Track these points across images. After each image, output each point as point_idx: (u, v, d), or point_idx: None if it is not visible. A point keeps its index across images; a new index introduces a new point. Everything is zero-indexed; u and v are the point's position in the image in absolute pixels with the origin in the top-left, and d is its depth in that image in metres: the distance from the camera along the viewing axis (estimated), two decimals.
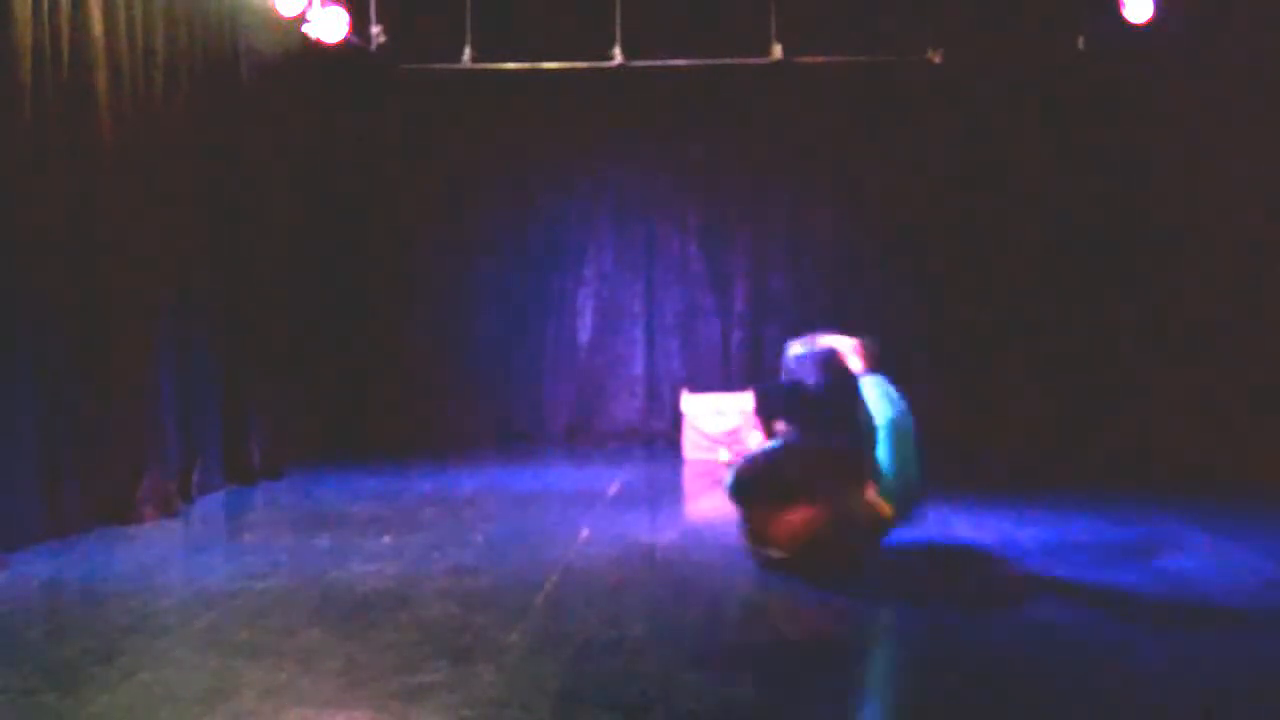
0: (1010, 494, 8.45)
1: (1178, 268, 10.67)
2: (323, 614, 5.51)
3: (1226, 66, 9.86)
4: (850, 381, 6.55)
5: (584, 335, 11.81)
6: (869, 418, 6.54)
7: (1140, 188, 10.88)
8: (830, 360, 6.49)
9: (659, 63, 10.87)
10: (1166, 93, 10.52)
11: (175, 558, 6.93)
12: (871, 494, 6.35)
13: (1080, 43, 10.26)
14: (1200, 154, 10.32)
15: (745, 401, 10.93)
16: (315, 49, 9.63)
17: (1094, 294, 11.09)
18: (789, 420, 6.49)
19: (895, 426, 6.57)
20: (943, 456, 7.51)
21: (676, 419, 11.03)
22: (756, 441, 6.76)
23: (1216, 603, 5.73)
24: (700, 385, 11.22)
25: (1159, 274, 10.79)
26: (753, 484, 6.36)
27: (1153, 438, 10.19)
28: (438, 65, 10.78)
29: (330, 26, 9.27)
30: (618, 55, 10.45)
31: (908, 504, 6.63)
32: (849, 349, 6.79)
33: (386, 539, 7.13)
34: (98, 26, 7.41)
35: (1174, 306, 10.68)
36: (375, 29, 9.93)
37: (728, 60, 10.85)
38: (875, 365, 6.92)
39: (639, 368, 11.77)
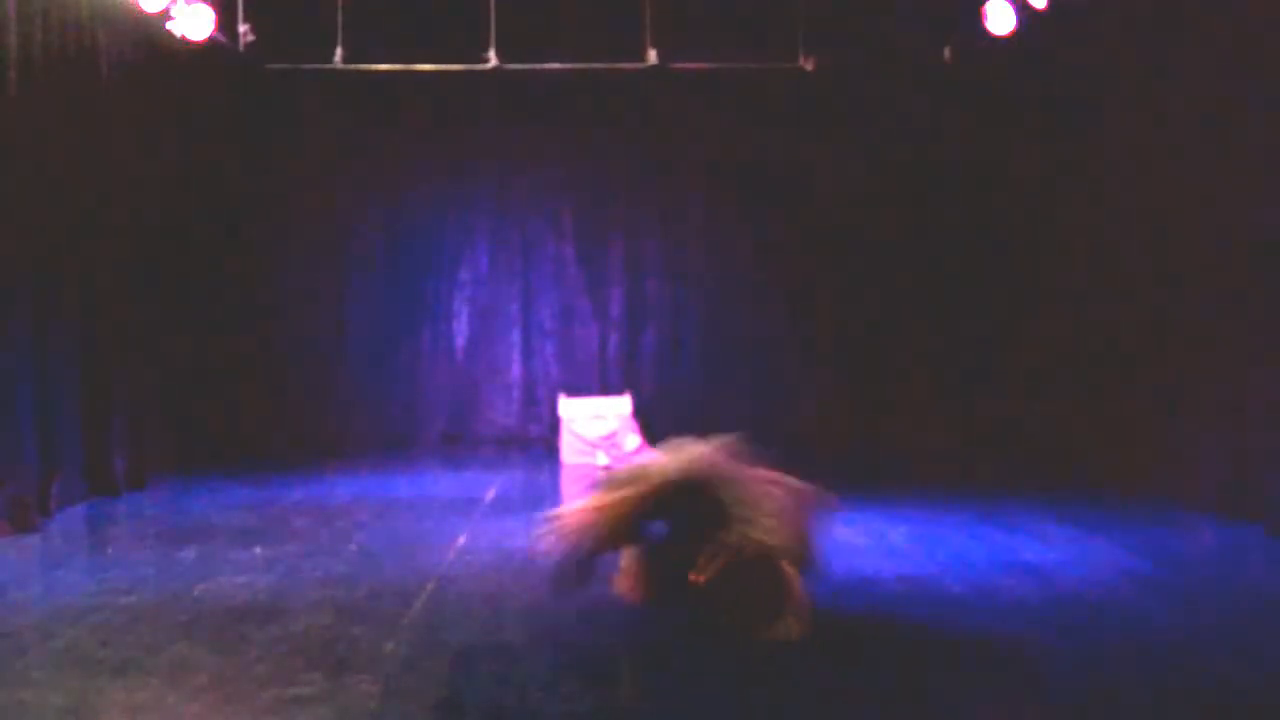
0: (890, 494, 8.60)
1: (1049, 276, 10.95)
2: (190, 629, 5.35)
3: (1090, 76, 10.17)
4: None
5: (460, 339, 11.71)
6: None
7: (1005, 195, 11.17)
8: None
9: (534, 66, 10.86)
10: (1030, 104, 10.83)
11: (33, 574, 6.65)
12: None
13: (947, 54, 10.52)
14: (1065, 163, 10.62)
15: (623, 405, 11.01)
16: (180, 47, 9.39)
17: (959, 296, 11.36)
18: None
19: None
20: (822, 458, 7.61)
21: (554, 423, 11.02)
22: (634, 445, 6.70)
23: (1077, 592, 5.92)
24: (577, 389, 11.23)
25: (1025, 280, 11.09)
26: None
27: (1036, 438, 10.36)
28: (308, 65, 10.61)
29: (195, 24, 9.08)
30: (493, 58, 10.40)
31: None
32: None
33: (257, 550, 6.97)
34: None
35: (1031, 312, 10.98)
36: (243, 28, 9.73)
37: (603, 64, 10.89)
38: None
39: (516, 372, 11.73)
